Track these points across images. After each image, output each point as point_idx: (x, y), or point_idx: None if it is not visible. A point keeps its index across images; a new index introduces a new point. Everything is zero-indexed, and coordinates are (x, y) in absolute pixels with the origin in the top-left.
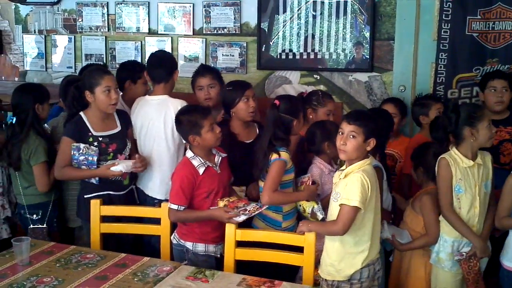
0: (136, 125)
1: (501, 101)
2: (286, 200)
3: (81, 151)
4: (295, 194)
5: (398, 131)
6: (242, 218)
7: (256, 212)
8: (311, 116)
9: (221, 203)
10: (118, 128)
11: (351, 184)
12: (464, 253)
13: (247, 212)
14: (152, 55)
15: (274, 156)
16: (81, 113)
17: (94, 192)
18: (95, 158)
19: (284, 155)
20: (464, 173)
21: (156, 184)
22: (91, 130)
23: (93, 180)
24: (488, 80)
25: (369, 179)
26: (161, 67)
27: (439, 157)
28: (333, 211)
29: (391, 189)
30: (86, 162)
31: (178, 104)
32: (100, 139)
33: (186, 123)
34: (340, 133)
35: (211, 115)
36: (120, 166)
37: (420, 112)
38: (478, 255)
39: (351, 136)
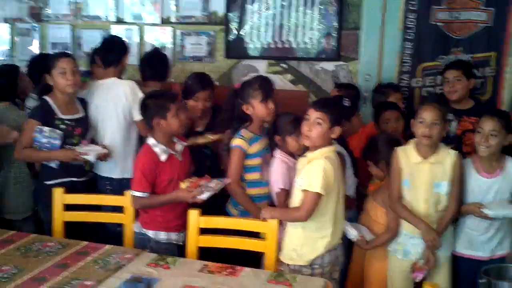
0: (90, 108)
1: (453, 90)
2: (241, 202)
3: (44, 133)
4: (252, 206)
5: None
6: (206, 195)
7: (220, 187)
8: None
9: (183, 185)
10: (82, 114)
11: (314, 171)
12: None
13: (210, 188)
14: (103, 39)
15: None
16: (46, 97)
17: (56, 179)
18: (58, 142)
19: (237, 141)
20: (412, 169)
21: (109, 164)
22: (58, 113)
23: (52, 164)
24: (444, 71)
25: (332, 166)
26: (111, 51)
27: (394, 149)
28: (296, 198)
29: (356, 175)
30: (49, 146)
31: (126, 85)
32: (67, 122)
33: (152, 105)
34: (306, 119)
35: (179, 101)
36: (92, 156)
37: (379, 100)
38: (425, 241)
39: (317, 123)
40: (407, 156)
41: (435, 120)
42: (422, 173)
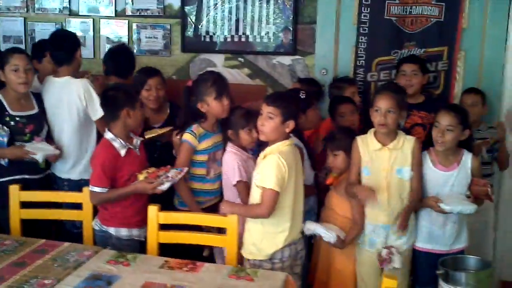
0: (45, 106)
1: (410, 84)
2: (182, 194)
3: None
4: (191, 201)
5: None
6: (166, 185)
7: (179, 177)
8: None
9: (141, 176)
10: (35, 110)
11: (267, 167)
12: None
13: (169, 178)
14: (52, 35)
15: None
16: None
17: (8, 176)
18: (6, 139)
19: (187, 136)
20: (372, 156)
21: (67, 165)
22: (8, 109)
23: (1, 162)
24: (401, 64)
25: (286, 160)
26: (62, 49)
27: (354, 138)
28: (254, 192)
29: (313, 166)
30: None
31: (80, 86)
32: (17, 119)
33: (122, 96)
34: (260, 114)
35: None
36: (39, 156)
37: (335, 94)
38: (359, 195)
39: (269, 118)
40: (367, 144)
41: (390, 108)
42: (381, 159)
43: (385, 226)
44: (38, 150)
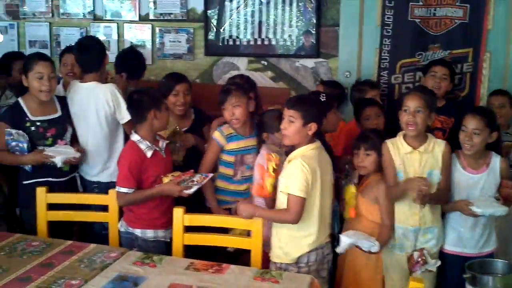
0: (71, 111)
1: (438, 87)
2: (205, 191)
3: (12, 137)
4: (212, 199)
5: None
6: (193, 189)
7: (204, 182)
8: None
9: (166, 179)
10: (59, 113)
11: (292, 172)
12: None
13: (195, 182)
14: (79, 42)
15: None
16: (19, 99)
17: (32, 179)
18: (25, 145)
19: (215, 134)
20: (403, 160)
21: (96, 169)
22: (28, 114)
23: (26, 168)
24: (431, 66)
25: (309, 164)
26: (90, 56)
27: (384, 142)
28: (281, 197)
29: (334, 168)
30: (18, 148)
31: (107, 90)
32: (38, 123)
33: (148, 98)
34: (283, 118)
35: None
36: (57, 159)
37: (357, 97)
38: (410, 188)
39: (290, 121)
40: (397, 148)
41: (419, 108)
42: (413, 163)
43: (414, 229)
44: (58, 154)
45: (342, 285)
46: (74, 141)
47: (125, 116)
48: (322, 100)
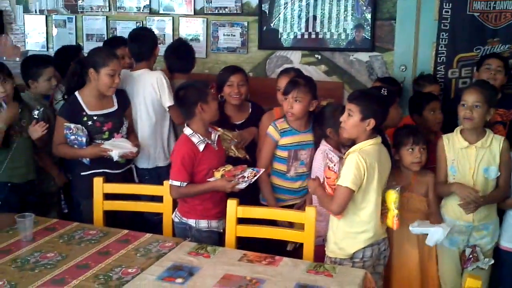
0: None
1: (494, 79)
2: (262, 187)
3: (71, 131)
4: (269, 196)
5: None
6: (243, 185)
7: (255, 178)
8: None
9: (218, 174)
10: (115, 107)
11: (347, 165)
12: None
13: (246, 179)
14: (132, 33)
15: None
16: (76, 93)
17: (89, 170)
18: (84, 139)
19: (269, 129)
20: (458, 155)
21: (144, 155)
22: (85, 109)
23: (84, 161)
24: (484, 59)
25: (366, 159)
26: (141, 45)
27: (440, 137)
28: None
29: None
30: (76, 142)
31: (154, 76)
32: (95, 118)
33: (192, 92)
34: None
35: (211, 87)
36: (114, 153)
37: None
38: (461, 198)
39: (349, 114)
40: (453, 143)
41: (477, 102)
42: (468, 158)
43: (468, 225)
44: (115, 148)
45: (394, 278)
46: (130, 133)
47: (168, 100)
48: (384, 94)
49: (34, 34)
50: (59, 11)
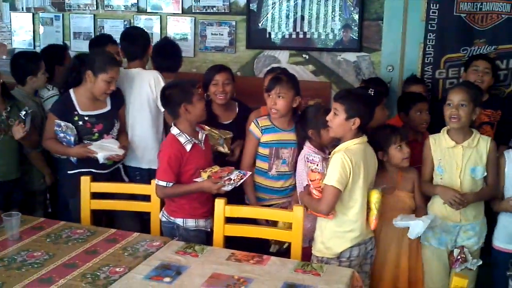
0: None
1: (481, 81)
2: (244, 185)
3: (61, 129)
4: (251, 194)
5: None
6: (229, 187)
7: (241, 181)
8: None
9: (205, 175)
10: (108, 108)
11: (332, 164)
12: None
13: (232, 181)
14: (125, 32)
15: None
16: (71, 90)
17: (76, 169)
18: (72, 139)
19: (251, 126)
20: (445, 154)
21: (138, 154)
22: (78, 109)
23: (72, 159)
24: (472, 60)
25: (352, 158)
26: (135, 44)
27: (427, 137)
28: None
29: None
30: (65, 140)
31: (151, 76)
32: (86, 118)
33: (176, 93)
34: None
35: (198, 87)
36: (100, 156)
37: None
38: (445, 201)
39: (334, 113)
40: (439, 143)
41: (462, 101)
42: (455, 157)
43: (455, 225)
44: (101, 150)
45: (383, 274)
46: (121, 133)
47: None
48: (371, 94)
49: (21, 32)
50: (46, 9)
